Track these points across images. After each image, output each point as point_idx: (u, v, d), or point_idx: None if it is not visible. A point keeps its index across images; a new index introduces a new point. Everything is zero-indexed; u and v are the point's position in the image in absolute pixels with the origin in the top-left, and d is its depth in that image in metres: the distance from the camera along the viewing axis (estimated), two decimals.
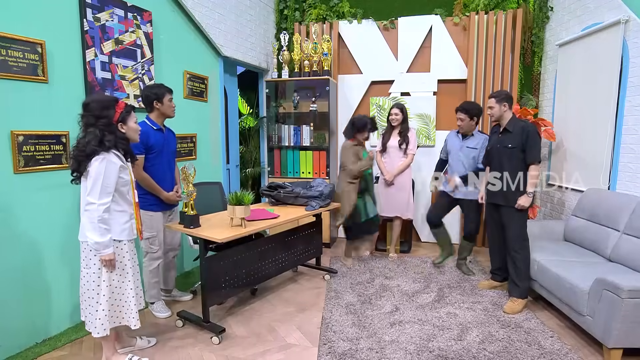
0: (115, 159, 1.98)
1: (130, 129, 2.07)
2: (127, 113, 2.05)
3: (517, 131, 2.88)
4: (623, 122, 3.06)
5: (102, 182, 1.91)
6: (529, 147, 2.84)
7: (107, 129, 1.95)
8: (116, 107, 1.99)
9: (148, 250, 2.72)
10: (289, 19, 4.82)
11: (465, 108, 3.41)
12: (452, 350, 2.34)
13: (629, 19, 2.98)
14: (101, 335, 2.02)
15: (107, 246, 1.95)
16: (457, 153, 3.52)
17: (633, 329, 2.12)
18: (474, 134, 3.50)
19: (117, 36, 2.80)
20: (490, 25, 4.19)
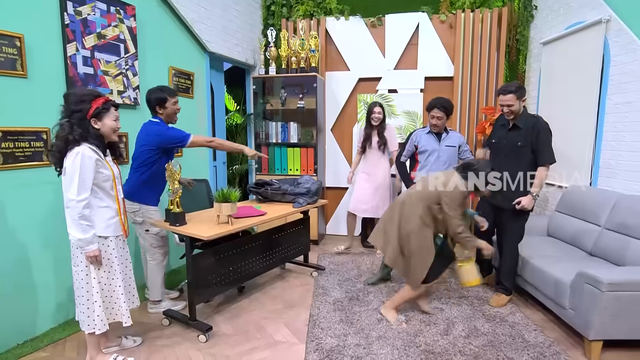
0: (91, 153, 1.93)
1: (105, 125, 2.00)
2: (105, 110, 1.98)
3: (527, 128, 2.71)
4: (604, 119, 3.13)
5: (79, 177, 1.88)
6: (541, 146, 2.68)
7: (78, 122, 1.91)
8: (92, 102, 1.94)
9: (158, 244, 2.74)
10: (276, 15, 4.79)
11: (444, 105, 3.22)
12: (438, 344, 2.37)
13: (610, 18, 3.05)
14: (102, 331, 2.02)
15: (91, 242, 1.93)
16: (436, 153, 3.33)
17: (612, 321, 2.18)
18: (448, 132, 3.37)
19: (99, 30, 2.74)
20: (476, 23, 4.23)
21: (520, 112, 2.76)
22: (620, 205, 2.76)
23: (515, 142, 2.76)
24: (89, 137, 1.94)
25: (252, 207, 3.00)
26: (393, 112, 4.55)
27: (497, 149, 2.91)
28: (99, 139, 1.99)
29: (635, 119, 2.83)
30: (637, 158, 2.82)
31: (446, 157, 3.33)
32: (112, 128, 2.03)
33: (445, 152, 3.34)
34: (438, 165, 3.33)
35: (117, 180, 2.10)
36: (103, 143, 2.02)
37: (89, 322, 2.02)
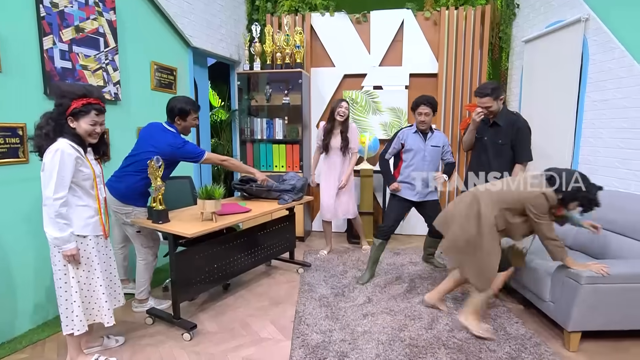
0: (71, 150, 1.88)
1: (80, 127, 1.92)
2: (84, 112, 1.90)
3: (507, 126, 2.76)
4: (583, 117, 3.20)
5: (57, 175, 1.83)
6: (519, 144, 2.73)
7: (56, 117, 1.88)
8: (73, 101, 1.88)
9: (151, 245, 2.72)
10: (260, 10, 4.73)
11: (430, 102, 3.19)
12: (422, 338, 2.39)
13: (589, 17, 3.11)
14: (81, 332, 1.97)
15: (67, 241, 1.88)
16: (422, 153, 3.27)
17: (590, 313, 2.24)
18: (433, 131, 3.33)
19: (77, 23, 2.66)
20: (460, 21, 4.27)
21: (499, 110, 2.82)
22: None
23: (497, 139, 2.83)
24: (65, 133, 1.89)
25: (236, 204, 2.97)
26: (378, 108, 4.56)
27: (482, 146, 2.96)
28: (76, 137, 1.93)
29: (612, 116, 2.90)
30: (613, 154, 2.89)
31: (431, 157, 3.29)
32: (86, 131, 1.94)
33: (430, 152, 3.28)
34: (423, 165, 3.28)
35: (97, 179, 2.04)
36: (82, 141, 1.96)
37: (68, 323, 1.97)
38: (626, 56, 2.77)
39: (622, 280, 2.21)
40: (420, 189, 3.26)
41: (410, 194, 3.29)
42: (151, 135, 2.58)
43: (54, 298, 2.57)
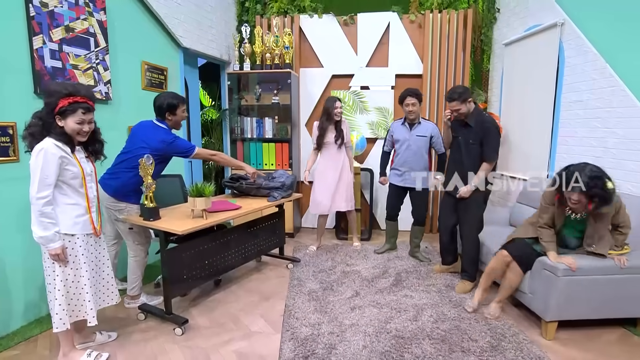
0: (55, 150, 1.84)
1: (67, 126, 1.88)
2: (71, 111, 1.86)
3: (477, 126, 2.86)
4: (559, 116, 3.27)
5: (40, 174, 1.81)
6: (486, 144, 2.84)
7: (45, 115, 1.85)
8: (60, 99, 1.84)
9: (142, 242, 2.69)
10: (250, 12, 4.72)
11: (415, 93, 3.37)
12: (407, 330, 2.43)
13: (565, 22, 3.18)
14: (60, 330, 1.94)
15: (52, 240, 1.86)
16: (407, 143, 3.49)
17: (566, 303, 2.30)
18: (420, 121, 3.49)
19: (67, 23, 2.62)
20: (444, 24, 4.32)
21: (470, 112, 2.90)
22: None
23: (468, 139, 2.92)
24: (52, 132, 1.86)
25: (227, 202, 2.97)
26: (365, 108, 4.59)
27: (457, 144, 3.04)
28: (64, 136, 1.89)
29: (586, 116, 2.98)
30: (587, 152, 2.97)
31: (416, 146, 3.46)
32: (74, 130, 1.90)
33: (415, 141, 3.45)
34: (408, 154, 3.48)
35: (87, 177, 2.01)
36: (71, 140, 1.92)
37: (55, 320, 1.96)
38: (599, 59, 2.85)
39: (595, 273, 2.28)
40: (405, 176, 3.50)
41: (396, 180, 3.60)
42: (143, 133, 2.56)
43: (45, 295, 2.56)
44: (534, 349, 2.22)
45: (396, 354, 2.17)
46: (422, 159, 3.53)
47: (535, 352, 2.19)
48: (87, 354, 2.10)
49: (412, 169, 3.50)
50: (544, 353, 2.19)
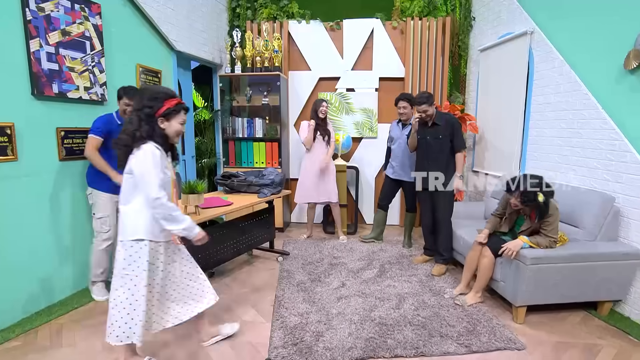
0: (158, 153, 1.75)
1: (172, 127, 1.79)
2: (175, 112, 1.79)
3: (444, 124, 3.09)
4: (530, 117, 3.36)
5: (154, 175, 1.69)
6: (456, 136, 3.07)
7: (146, 118, 1.73)
8: (165, 101, 1.76)
9: (100, 230, 2.66)
10: (241, 17, 4.70)
11: (407, 97, 3.58)
12: (390, 317, 2.48)
13: (534, 30, 3.26)
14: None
15: (193, 227, 1.80)
16: (399, 140, 3.69)
17: (534, 289, 2.39)
18: (411, 122, 3.58)
19: (63, 27, 2.58)
20: (424, 30, 4.38)
21: (435, 113, 3.12)
22: None
23: (438, 135, 3.11)
24: (155, 135, 1.75)
25: (219, 198, 2.98)
26: (351, 109, 4.63)
27: (425, 144, 3.20)
28: (163, 139, 1.79)
29: (554, 117, 3.07)
30: (555, 151, 3.07)
31: (405, 144, 3.61)
32: (177, 131, 1.82)
33: (405, 139, 3.60)
34: (399, 151, 3.68)
35: (174, 183, 1.90)
36: (166, 144, 1.83)
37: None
38: (564, 65, 2.93)
39: (561, 261, 2.36)
40: (396, 169, 3.70)
41: (389, 172, 3.82)
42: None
43: (45, 289, 2.55)
44: (506, 332, 2.30)
45: (380, 340, 2.22)
46: (410, 155, 3.64)
47: (507, 335, 2.26)
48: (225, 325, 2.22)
49: (402, 164, 3.68)
50: (515, 336, 2.27)
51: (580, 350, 2.16)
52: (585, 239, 2.54)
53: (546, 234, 2.42)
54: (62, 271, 2.68)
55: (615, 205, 2.52)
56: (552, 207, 2.43)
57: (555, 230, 2.43)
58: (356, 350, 2.11)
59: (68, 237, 2.70)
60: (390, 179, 3.83)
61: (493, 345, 2.18)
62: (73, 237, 2.73)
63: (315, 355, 2.07)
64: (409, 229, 3.95)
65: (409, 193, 3.77)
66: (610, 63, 2.56)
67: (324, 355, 2.07)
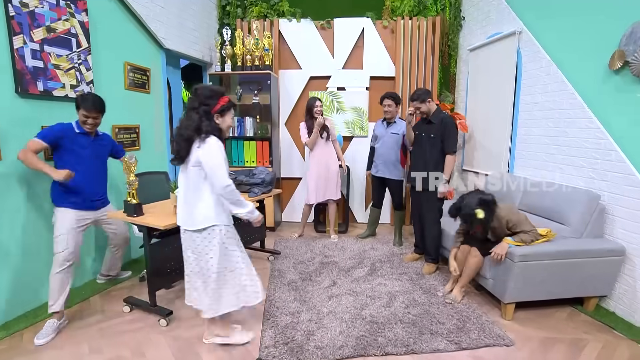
0: (222, 145, 1.92)
1: (225, 122, 1.96)
2: (227, 109, 1.96)
3: (438, 122, 3.05)
4: (518, 116, 3.40)
5: (224, 165, 1.89)
6: (446, 138, 3.00)
7: (205, 115, 1.88)
8: (220, 99, 1.91)
9: (54, 250, 2.33)
10: (231, 15, 4.66)
11: (392, 96, 3.66)
12: (381, 315, 2.49)
13: (522, 31, 3.30)
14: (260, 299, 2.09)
15: (254, 211, 2.03)
16: (383, 139, 3.75)
17: (522, 286, 2.42)
18: (396, 120, 3.74)
19: (48, 24, 2.53)
20: (414, 30, 4.40)
21: (432, 111, 3.09)
22: (530, 189, 3.03)
23: (430, 134, 3.09)
24: (213, 130, 1.90)
25: None
26: (342, 108, 4.63)
27: (420, 139, 3.20)
28: (218, 134, 1.94)
29: (541, 116, 3.11)
30: (542, 149, 3.11)
31: (390, 143, 3.71)
32: (229, 126, 1.99)
33: (389, 138, 3.71)
34: (385, 149, 3.75)
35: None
36: (221, 138, 1.95)
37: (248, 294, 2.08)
38: (552, 65, 2.97)
39: (548, 258, 2.40)
40: (380, 168, 3.80)
41: (374, 171, 3.87)
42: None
43: (31, 290, 2.50)
44: (495, 328, 2.33)
45: (370, 338, 2.23)
46: (395, 154, 3.74)
47: (496, 332, 2.29)
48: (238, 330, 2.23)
49: (385, 162, 3.75)
50: (504, 332, 2.30)
51: (567, 345, 2.20)
52: (571, 236, 2.58)
53: (522, 233, 2.44)
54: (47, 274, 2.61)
55: (600, 203, 2.56)
56: (499, 216, 2.47)
57: (526, 225, 2.46)
58: (347, 349, 2.12)
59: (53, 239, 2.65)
60: (375, 177, 3.89)
61: (482, 341, 2.20)
62: None
63: (306, 354, 2.07)
64: (399, 227, 3.97)
65: (395, 191, 3.84)
66: (596, 63, 2.60)
67: (315, 354, 2.07)
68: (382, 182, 3.88)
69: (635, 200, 2.37)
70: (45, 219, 2.56)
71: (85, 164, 2.43)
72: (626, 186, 2.43)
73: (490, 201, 2.45)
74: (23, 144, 2.31)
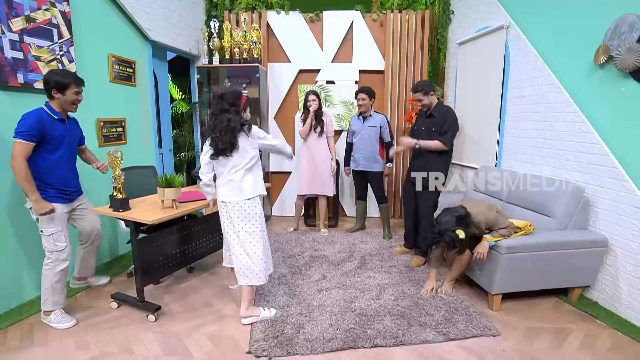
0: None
1: (247, 116, 2.41)
2: (247, 105, 2.39)
3: (439, 116, 3.04)
4: (506, 111, 3.43)
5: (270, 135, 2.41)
6: (445, 130, 3.00)
7: (236, 113, 2.24)
8: (242, 98, 2.31)
9: (53, 249, 2.26)
10: (218, 7, 4.59)
11: (365, 90, 3.70)
12: (371, 308, 2.51)
13: (510, 25, 3.31)
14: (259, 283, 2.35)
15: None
16: (361, 133, 3.79)
17: (509, 277, 2.46)
18: (372, 114, 3.78)
19: (28, 13, 2.45)
20: (404, 23, 4.39)
21: (434, 104, 3.08)
22: (517, 182, 3.06)
23: (431, 128, 3.08)
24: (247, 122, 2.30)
25: (197, 192, 2.92)
26: (331, 101, 4.61)
27: (419, 134, 3.18)
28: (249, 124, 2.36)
29: (528, 110, 3.14)
30: (529, 143, 3.14)
31: (368, 135, 3.78)
32: (248, 118, 2.37)
33: (367, 131, 3.78)
34: (363, 142, 3.80)
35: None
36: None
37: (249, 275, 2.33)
38: (539, 59, 3.00)
39: (534, 249, 2.43)
40: (360, 162, 3.83)
41: (353, 165, 3.92)
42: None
43: (15, 289, 2.45)
44: (482, 319, 2.36)
45: (360, 330, 2.25)
46: (373, 147, 3.80)
47: (483, 322, 2.33)
48: (262, 309, 2.41)
49: (364, 155, 3.80)
50: (491, 322, 2.34)
51: (552, 335, 2.25)
52: (556, 227, 2.62)
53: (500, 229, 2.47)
54: (32, 270, 2.56)
55: (585, 196, 2.61)
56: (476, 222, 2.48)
57: (502, 222, 2.49)
58: (336, 341, 2.13)
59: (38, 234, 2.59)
60: (356, 172, 3.93)
61: (470, 332, 2.24)
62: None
63: (295, 347, 2.08)
64: (386, 220, 4.00)
65: (375, 183, 3.87)
66: (581, 57, 2.63)
67: (304, 347, 2.08)
68: (364, 176, 3.92)
69: (618, 192, 2.42)
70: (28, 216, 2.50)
71: (64, 154, 2.29)
72: (609, 179, 2.48)
73: (464, 216, 2.46)
74: (3, 138, 2.25)
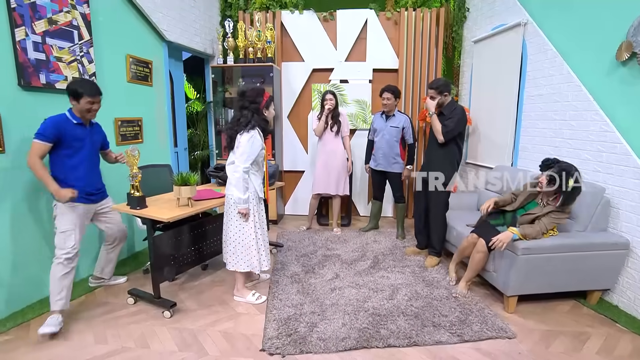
0: (259, 137, 2.39)
1: (270, 114, 2.50)
2: (270, 102, 2.45)
3: (448, 114, 3.01)
4: (522, 109, 3.37)
5: (249, 153, 2.32)
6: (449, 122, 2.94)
7: (256, 111, 2.34)
8: (264, 96, 2.38)
9: (62, 246, 2.26)
10: (233, 7, 4.63)
11: (391, 89, 3.65)
12: (384, 308, 2.49)
13: (528, 22, 3.25)
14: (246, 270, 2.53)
15: (246, 202, 2.39)
16: (382, 132, 3.76)
17: (525, 279, 2.41)
18: (395, 114, 3.74)
19: (50, 16, 2.52)
20: (418, 21, 4.35)
21: (446, 103, 3.04)
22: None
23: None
24: (260, 123, 2.40)
25: (211, 190, 2.95)
26: (344, 100, 4.60)
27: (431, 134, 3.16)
28: (265, 124, 2.45)
29: (546, 109, 3.08)
30: (546, 142, 3.08)
31: (389, 136, 3.73)
32: (273, 116, 2.48)
33: (389, 131, 3.73)
34: (384, 142, 3.77)
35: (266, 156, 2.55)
36: (267, 128, 2.46)
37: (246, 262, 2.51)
38: (557, 57, 2.93)
39: (551, 251, 2.39)
40: (380, 161, 3.81)
41: (373, 165, 3.90)
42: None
43: (36, 284, 2.52)
44: (497, 321, 2.33)
45: (373, 330, 2.24)
46: (394, 147, 3.76)
47: (498, 324, 2.29)
48: (252, 294, 2.60)
49: (385, 155, 3.77)
50: (506, 325, 2.30)
51: (569, 338, 2.20)
52: (576, 229, 2.57)
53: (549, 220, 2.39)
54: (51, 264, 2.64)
55: (605, 196, 2.54)
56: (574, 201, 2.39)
57: (557, 222, 2.42)
58: (350, 341, 2.13)
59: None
60: (375, 171, 3.91)
61: (485, 334, 2.21)
62: None
63: (309, 346, 2.08)
64: (401, 221, 3.97)
65: (394, 184, 3.86)
66: (602, 54, 2.56)
67: (317, 346, 2.08)
68: (383, 176, 3.89)
69: None
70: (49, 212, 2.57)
71: (85, 156, 2.37)
72: (631, 179, 2.41)
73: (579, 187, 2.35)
74: (26, 137, 2.32)
